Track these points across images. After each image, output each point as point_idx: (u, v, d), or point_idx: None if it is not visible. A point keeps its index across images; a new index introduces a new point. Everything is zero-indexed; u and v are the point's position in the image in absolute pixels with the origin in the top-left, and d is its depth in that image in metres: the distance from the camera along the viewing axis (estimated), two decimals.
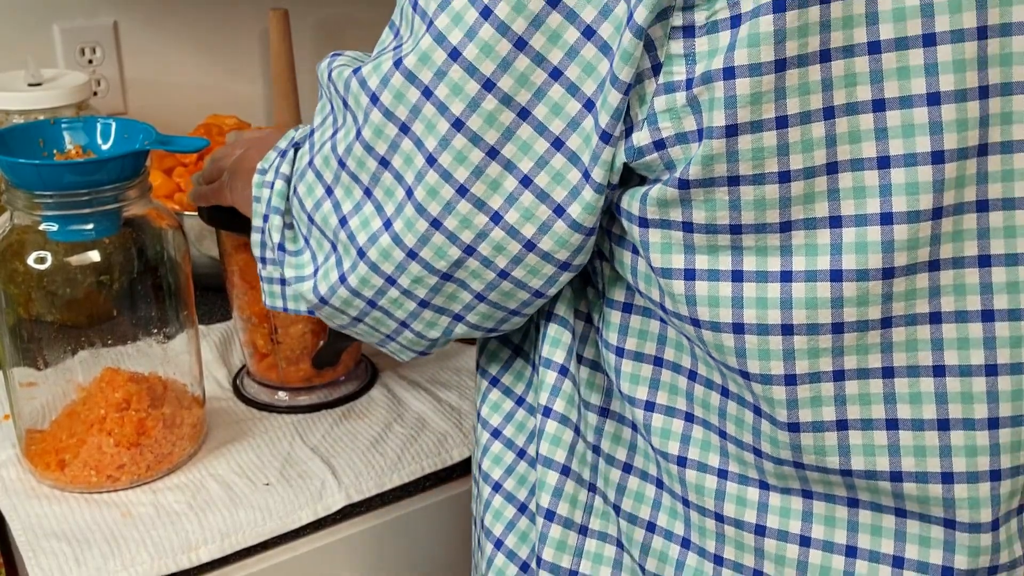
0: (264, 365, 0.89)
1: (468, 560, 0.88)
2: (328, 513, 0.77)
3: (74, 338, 0.76)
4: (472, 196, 0.50)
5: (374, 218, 0.53)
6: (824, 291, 0.45)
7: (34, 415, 0.78)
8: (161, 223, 0.77)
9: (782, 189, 0.44)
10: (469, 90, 0.47)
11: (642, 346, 0.54)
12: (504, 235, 0.50)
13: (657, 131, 0.46)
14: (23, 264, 0.72)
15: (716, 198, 0.45)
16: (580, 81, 0.46)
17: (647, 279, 0.51)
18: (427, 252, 0.52)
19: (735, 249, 0.46)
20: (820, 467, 0.48)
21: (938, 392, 0.46)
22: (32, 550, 0.70)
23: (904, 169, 0.43)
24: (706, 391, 0.52)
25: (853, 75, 0.43)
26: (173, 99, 1.26)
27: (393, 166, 0.51)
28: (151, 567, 0.70)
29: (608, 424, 0.57)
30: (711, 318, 0.47)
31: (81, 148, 0.75)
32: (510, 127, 0.48)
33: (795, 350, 0.46)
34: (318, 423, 0.86)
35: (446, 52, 0.47)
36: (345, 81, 0.53)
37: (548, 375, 0.56)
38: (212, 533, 0.73)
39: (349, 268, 0.55)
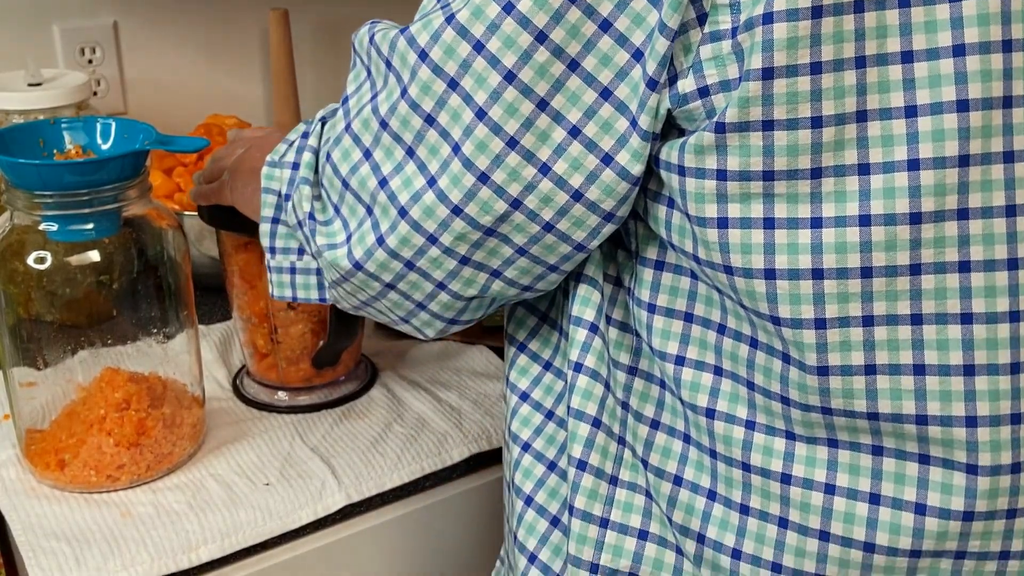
0: (264, 365, 0.89)
1: (468, 560, 0.89)
2: (328, 513, 0.77)
3: (74, 338, 0.76)
4: (521, 148, 0.51)
5: (416, 177, 0.54)
6: (853, 236, 0.46)
7: (34, 415, 0.78)
8: (161, 223, 0.77)
9: (814, 135, 0.46)
10: (522, 42, 0.48)
11: (672, 302, 0.55)
12: (552, 186, 0.51)
13: (702, 78, 0.47)
14: (23, 264, 0.72)
15: (750, 143, 0.47)
16: (629, 32, 0.48)
17: (680, 231, 0.52)
18: (472, 207, 0.53)
19: (767, 196, 0.48)
20: (847, 411, 0.49)
21: (965, 339, 0.48)
22: (32, 550, 0.70)
23: (930, 117, 0.45)
24: (735, 343, 0.53)
25: (884, 27, 0.44)
26: (173, 99, 1.26)
27: (439, 123, 0.52)
28: (151, 567, 0.70)
29: (636, 382, 0.58)
30: (743, 264, 0.49)
31: (81, 148, 0.75)
32: (560, 78, 0.49)
33: (824, 294, 0.48)
34: (318, 423, 0.86)
35: (500, 6, 0.48)
36: (391, 41, 0.54)
37: (579, 332, 0.58)
38: (212, 533, 0.73)
39: (388, 229, 0.55)
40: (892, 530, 0.50)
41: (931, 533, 0.50)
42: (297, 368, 0.88)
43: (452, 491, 0.85)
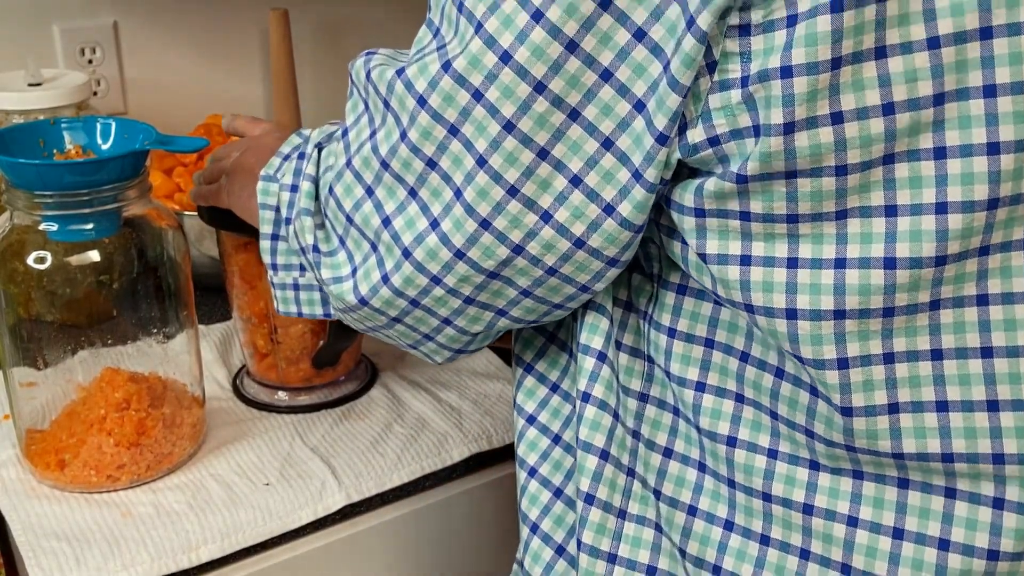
0: (264, 365, 0.89)
1: (467, 559, 0.89)
2: (328, 513, 0.77)
3: (74, 338, 0.76)
4: (522, 196, 0.50)
5: (419, 218, 0.53)
6: (878, 278, 0.46)
7: (34, 415, 0.78)
8: (161, 223, 0.77)
9: (839, 181, 0.45)
10: (520, 92, 0.48)
11: (693, 327, 0.55)
12: (554, 233, 0.51)
13: (712, 128, 0.47)
14: (23, 264, 0.72)
15: (774, 190, 0.46)
16: (630, 82, 0.47)
17: (698, 268, 0.51)
18: (475, 252, 0.52)
19: (791, 237, 0.47)
20: (872, 451, 0.49)
21: (986, 373, 0.47)
22: (32, 550, 0.70)
23: (960, 160, 0.44)
24: (758, 372, 0.52)
25: (913, 71, 0.43)
26: (173, 99, 1.26)
27: (441, 167, 0.52)
28: (151, 567, 0.70)
29: (648, 409, 0.58)
30: (765, 303, 0.48)
31: (81, 148, 0.75)
32: (560, 128, 0.48)
33: (846, 333, 0.47)
34: (318, 423, 0.86)
35: (497, 55, 0.47)
36: (388, 83, 0.53)
37: (586, 361, 0.57)
38: (212, 533, 0.73)
39: (393, 268, 0.55)
40: (915, 566, 0.50)
41: (954, 571, 0.49)
42: (297, 368, 0.88)
43: (452, 491, 0.85)
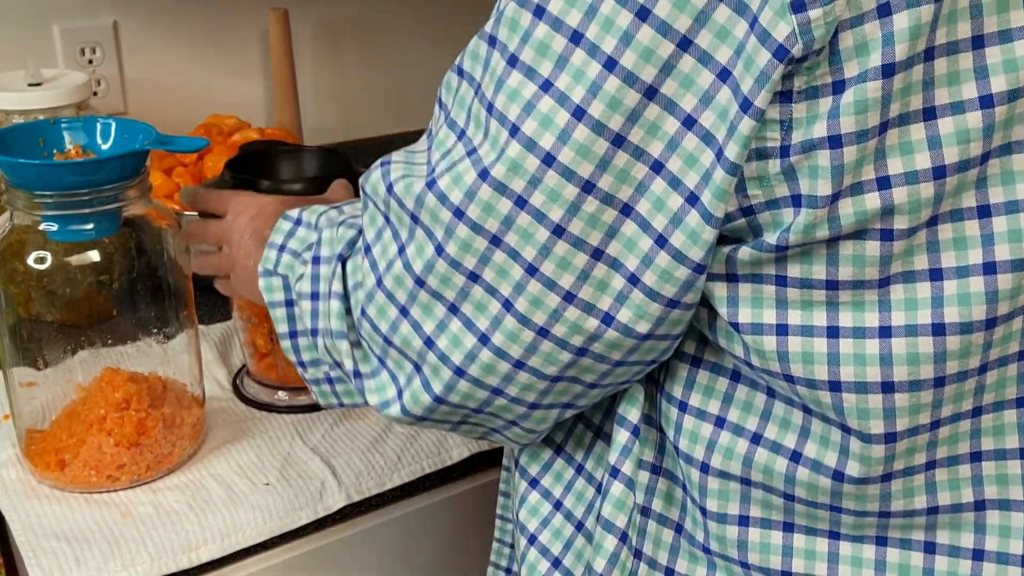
0: (264, 365, 0.89)
1: (467, 559, 0.89)
2: (328, 513, 0.77)
3: (74, 338, 0.76)
4: (580, 301, 0.48)
5: (464, 334, 0.51)
6: (927, 346, 0.44)
7: (34, 415, 0.78)
8: (161, 223, 0.77)
9: (884, 247, 0.43)
10: (568, 195, 0.45)
11: (706, 403, 0.52)
12: (618, 335, 0.48)
13: (746, 198, 0.44)
14: (23, 264, 0.72)
15: (813, 254, 0.44)
16: (682, 174, 0.44)
17: (728, 335, 0.49)
18: (536, 360, 0.50)
19: (830, 304, 0.45)
20: (907, 511, 0.48)
21: (1020, 423, 0.47)
22: (32, 550, 0.70)
23: (1006, 217, 0.42)
24: (770, 456, 0.50)
25: (966, 131, 0.41)
26: (173, 99, 1.26)
27: (484, 279, 0.49)
28: (151, 567, 0.70)
29: (661, 482, 0.55)
30: (805, 375, 0.46)
31: (81, 148, 0.75)
32: (613, 225, 0.46)
33: (896, 408, 0.45)
34: (318, 423, 0.86)
35: (539, 158, 0.45)
36: (417, 197, 0.50)
37: (620, 434, 0.55)
38: (212, 533, 0.73)
39: (445, 388, 0.53)
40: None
41: None
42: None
43: (452, 491, 0.85)
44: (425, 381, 0.53)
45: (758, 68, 0.40)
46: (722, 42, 0.41)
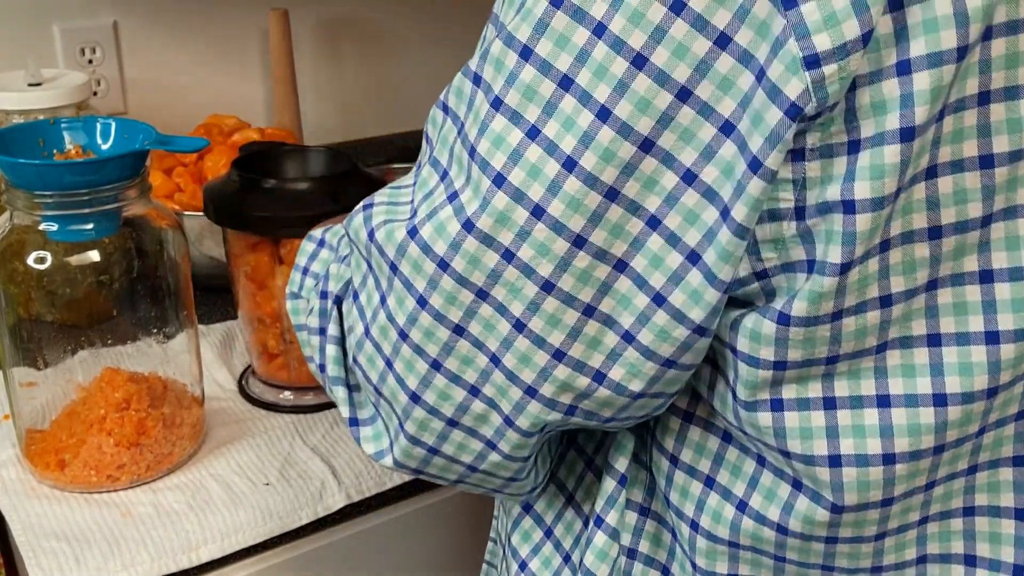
0: (275, 365, 0.88)
1: (467, 560, 0.89)
2: (328, 513, 0.77)
3: (74, 338, 0.76)
4: (571, 359, 0.45)
5: (452, 389, 0.48)
6: (928, 416, 0.42)
7: (34, 415, 0.78)
8: (161, 223, 0.77)
9: (883, 313, 0.41)
10: (558, 249, 0.42)
11: (697, 461, 0.50)
12: (610, 393, 0.46)
13: (760, 262, 0.42)
14: (23, 264, 0.72)
15: (816, 336, 0.42)
16: (682, 231, 0.41)
17: (723, 400, 0.47)
18: (523, 421, 0.48)
19: (826, 376, 0.43)
20: (898, 563, 0.48)
21: (1016, 480, 0.46)
22: (32, 550, 0.70)
23: (1009, 284, 0.41)
24: (757, 526, 0.48)
25: (963, 191, 0.40)
26: (173, 99, 1.26)
27: (471, 333, 0.46)
28: (151, 567, 0.70)
29: (649, 524, 0.54)
30: (803, 451, 0.44)
31: (81, 148, 0.75)
32: (607, 281, 0.43)
33: (896, 477, 0.44)
34: (318, 423, 0.86)
35: (527, 210, 0.42)
36: (398, 246, 0.47)
37: (607, 483, 0.54)
38: (212, 533, 0.73)
39: (437, 440, 0.51)
40: None
41: None
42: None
43: (452, 491, 0.85)
44: (410, 437, 0.51)
45: (768, 126, 0.38)
46: (725, 94, 0.39)
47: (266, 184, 0.81)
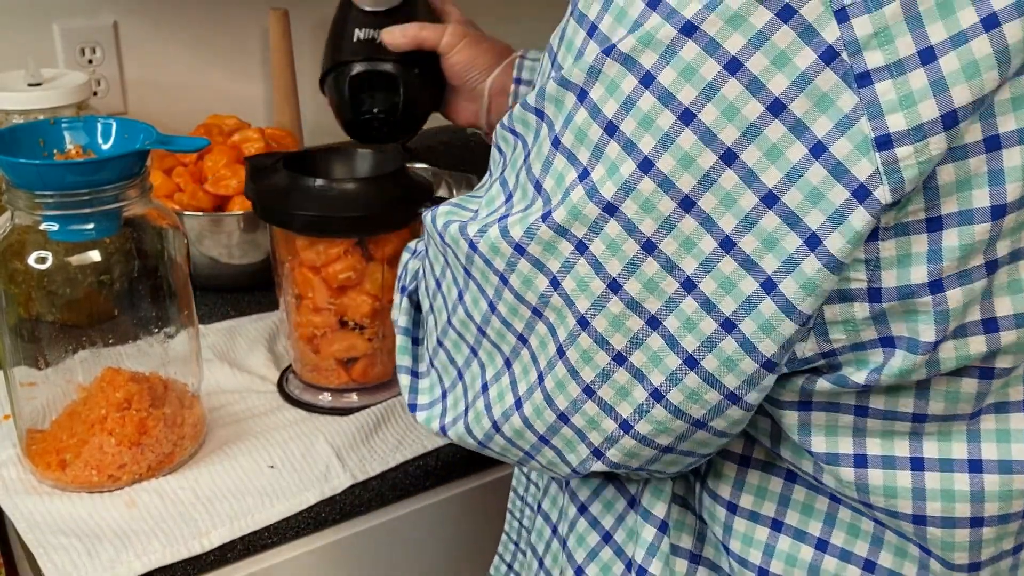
0: (359, 368, 0.88)
1: (469, 558, 0.89)
2: (335, 493, 0.77)
3: (74, 338, 0.76)
4: (599, 399, 0.45)
5: (508, 393, 0.49)
6: (1021, 483, 0.41)
7: (35, 415, 0.78)
8: (161, 223, 0.77)
9: (981, 385, 0.40)
10: (594, 287, 0.43)
11: (759, 505, 0.49)
12: (636, 443, 0.46)
13: (827, 342, 0.41)
14: (23, 264, 0.73)
15: (900, 390, 0.41)
16: (716, 298, 0.40)
17: (796, 451, 0.46)
18: (558, 441, 0.48)
19: (914, 435, 0.42)
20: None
21: None
22: (42, 547, 0.70)
23: None
24: (840, 564, 0.47)
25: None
26: (173, 99, 1.26)
27: (531, 345, 0.47)
28: (164, 555, 0.70)
29: (700, 572, 0.52)
30: (887, 507, 0.43)
31: (81, 148, 0.75)
32: (638, 334, 0.43)
33: (983, 540, 0.43)
34: (321, 422, 0.86)
35: (572, 244, 0.43)
36: (467, 253, 0.48)
37: (646, 529, 0.53)
38: (220, 518, 0.73)
39: (485, 436, 0.52)
40: None
41: None
42: (392, 358, 0.88)
43: (452, 491, 0.85)
44: (467, 425, 0.53)
45: (831, 204, 0.36)
46: (772, 163, 0.37)
47: (314, 183, 0.81)
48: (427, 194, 0.85)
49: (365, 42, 0.90)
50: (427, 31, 0.91)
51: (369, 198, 0.81)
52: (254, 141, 1.10)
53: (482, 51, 0.93)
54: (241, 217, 1.02)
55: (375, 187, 0.82)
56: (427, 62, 0.95)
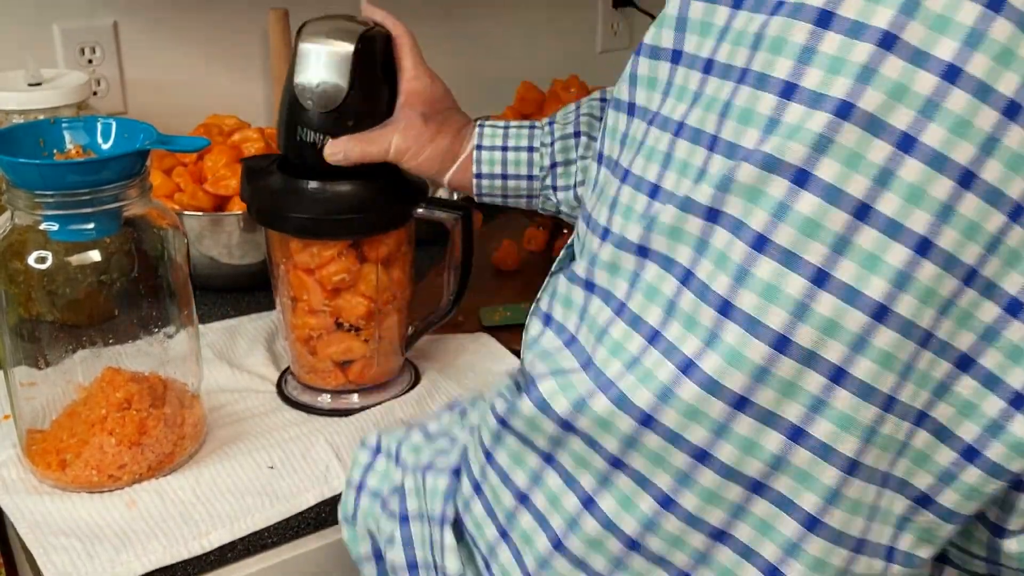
0: (356, 369, 0.88)
1: None
2: (334, 494, 0.77)
3: (74, 338, 0.76)
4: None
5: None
6: None
7: (35, 415, 0.78)
8: (161, 223, 0.77)
9: None
10: (677, 460, 0.39)
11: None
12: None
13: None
14: (23, 264, 0.73)
15: None
16: (793, 495, 0.38)
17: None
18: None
19: None
20: None
21: None
22: (42, 547, 0.70)
23: None
24: None
25: None
26: (173, 99, 1.26)
27: (737, 539, 0.41)
28: (163, 555, 0.70)
29: None
30: None
31: (81, 148, 0.75)
32: (742, 504, 0.39)
33: None
34: (321, 423, 0.86)
35: (674, 406, 0.39)
36: (625, 435, 0.40)
37: None
38: (220, 519, 0.73)
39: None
40: None
41: None
42: (389, 360, 0.89)
43: None
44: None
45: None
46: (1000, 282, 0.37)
47: (307, 185, 0.81)
48: (421, 194, 0.85)
49: (309, 145, 0.80)
50: (372, 147, 0.79)
51: (362, 199, 0.81)
52: (254, 141, 1.10)
53: (435, 149, 0.81)
54: (241, 217, 1.02)
55: (368, 188, 0.81)
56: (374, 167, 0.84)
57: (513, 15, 1.50)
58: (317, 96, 0.79)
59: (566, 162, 0.82)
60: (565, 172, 0.82)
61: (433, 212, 0.85)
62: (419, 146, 0.80)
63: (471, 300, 1.01)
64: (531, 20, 1.52)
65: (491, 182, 0.83)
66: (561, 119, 0.84)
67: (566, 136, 0.82)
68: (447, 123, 0.83)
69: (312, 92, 0.79)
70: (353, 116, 0.80)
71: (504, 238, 1.19)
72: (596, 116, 0.83)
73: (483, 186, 0.83)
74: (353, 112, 0.80)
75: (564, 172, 0.82)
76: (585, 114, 0.83)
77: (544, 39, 1.54)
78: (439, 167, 0.82)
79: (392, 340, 0.89)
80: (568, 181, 0.82)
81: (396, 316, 0.88)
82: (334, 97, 0.79)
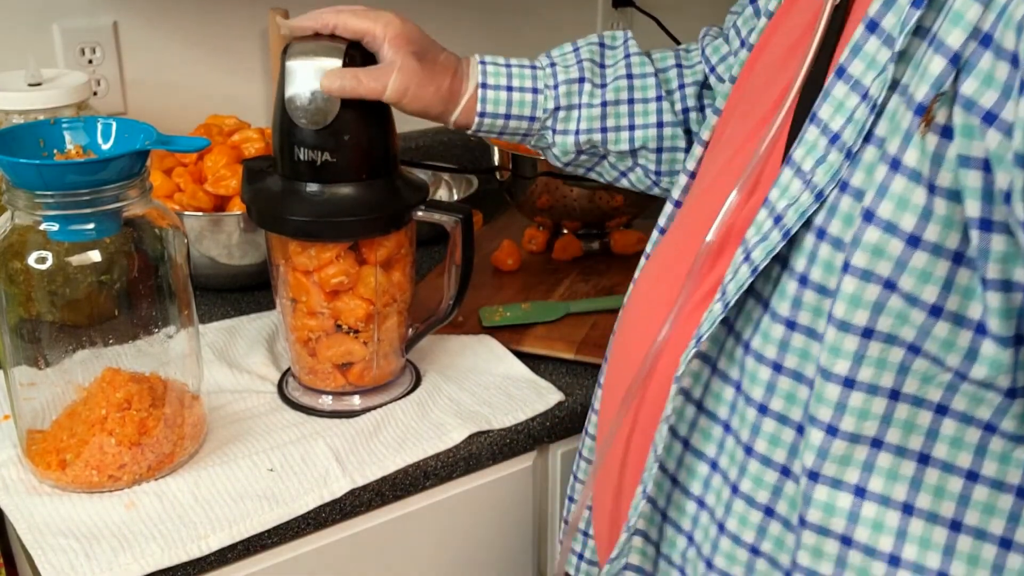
0: (356, 371, 0.88)
1: (469, 557, 0.89)
2: (334, 498, 0.77)
3: (75, 338, 0.76)
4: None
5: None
6: None
7: (35, 415, 0.78)
8: (161, 223, 0.77)
9: None
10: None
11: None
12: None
13: None
14: (24, 264, 0.73)
15: None
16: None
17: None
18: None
19: None
20: None
21: None
22: (40, 548, 0.70)
23: None
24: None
25: None
26: (173, 99, 1.26)
27: None
28: (162, 558, 0.70)
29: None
30: None
31: (81, 148, 0.75)
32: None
33: None
34: (321, 423, 0.86)
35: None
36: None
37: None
38: (220, 522, 0.73)
39: None
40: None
41: None
42: (389, 361, 0.89)
43: (452, 491, 0.85)
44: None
45: None
46: None
47: (307, 188, 0.81)
48: (422, 195, 0.85)
49: (307, 163, 0.79)
50: (372, 82, 0.78)
51: (361, 202, 0.81)
52: (254, 141, 1.10)
53: (437, 89, 0.81)
54: (241, 217, 1.02)
55: (367, 190, 0.81)
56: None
57: (513, 15, 1.50)
58: (311, 114, 0.79)
59: (568, 107, 0.83)
60: (567, 116, 0.83)
61: (432, 215, 0.85)
62: (418, 87, 0.80)
63: (471, 300, 1.02)
64: (531, 20, 1.52)
65: (493, 121, 0.83)
66: (561, 61, 0.85)
67: (570, 81, 0.83)
68: (441, 63, 0.83)
69: (305, 110, 0.79)
70: (349, 130, 0.79)
71: (504, 238, 1.19)
72: (597, 62, 0.84)
73: (484, 124, 0.84)
74: (348, 125, 0.79)
75: (566, 116, 0.83)
76: (587, 59, 0.84)
77: (544, 39, 1.54)
78: (443, 107, 0.83)
79: (392, 342, 0.88)
80: (567, 126, 0.83)
81: (396, 318, 0.88)
82: (327, 112, 0.79)
